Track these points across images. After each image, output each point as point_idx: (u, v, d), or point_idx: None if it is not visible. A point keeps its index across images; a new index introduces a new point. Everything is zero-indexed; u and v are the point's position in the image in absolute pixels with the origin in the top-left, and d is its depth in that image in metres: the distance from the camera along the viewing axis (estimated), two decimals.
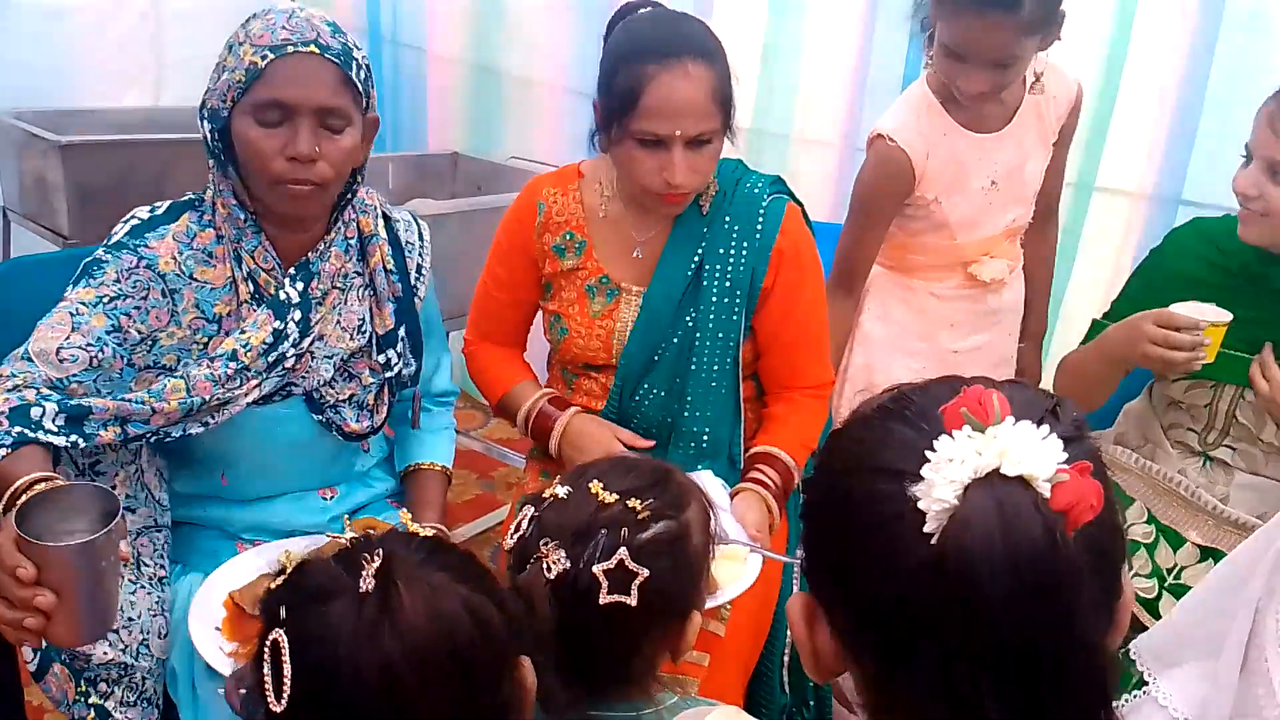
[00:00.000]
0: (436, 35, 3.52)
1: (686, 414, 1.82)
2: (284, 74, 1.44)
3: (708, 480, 1.65)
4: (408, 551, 0.93)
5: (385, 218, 1.71)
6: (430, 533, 0.98)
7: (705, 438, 1.83)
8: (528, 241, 1.85)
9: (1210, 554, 1.76)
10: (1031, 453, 0.72)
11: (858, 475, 0.78)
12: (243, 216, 1.54)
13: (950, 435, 0.74)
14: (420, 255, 1.75)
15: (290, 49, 1.44)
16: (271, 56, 1.44)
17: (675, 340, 1.80)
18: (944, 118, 1.99)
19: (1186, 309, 1.68)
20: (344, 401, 1.65)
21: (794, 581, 1.79)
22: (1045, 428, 0.74)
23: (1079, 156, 2.29)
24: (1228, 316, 1.67)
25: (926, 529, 0.72)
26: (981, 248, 2.09)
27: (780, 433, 1.82)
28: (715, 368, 1.81)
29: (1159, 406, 1.88)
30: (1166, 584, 1.78)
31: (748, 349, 1.84)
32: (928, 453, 0.74)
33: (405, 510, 1.13)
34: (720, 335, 1.79)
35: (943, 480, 0.72)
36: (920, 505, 0.72)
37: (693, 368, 1.80)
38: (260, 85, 1.45)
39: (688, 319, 1.79)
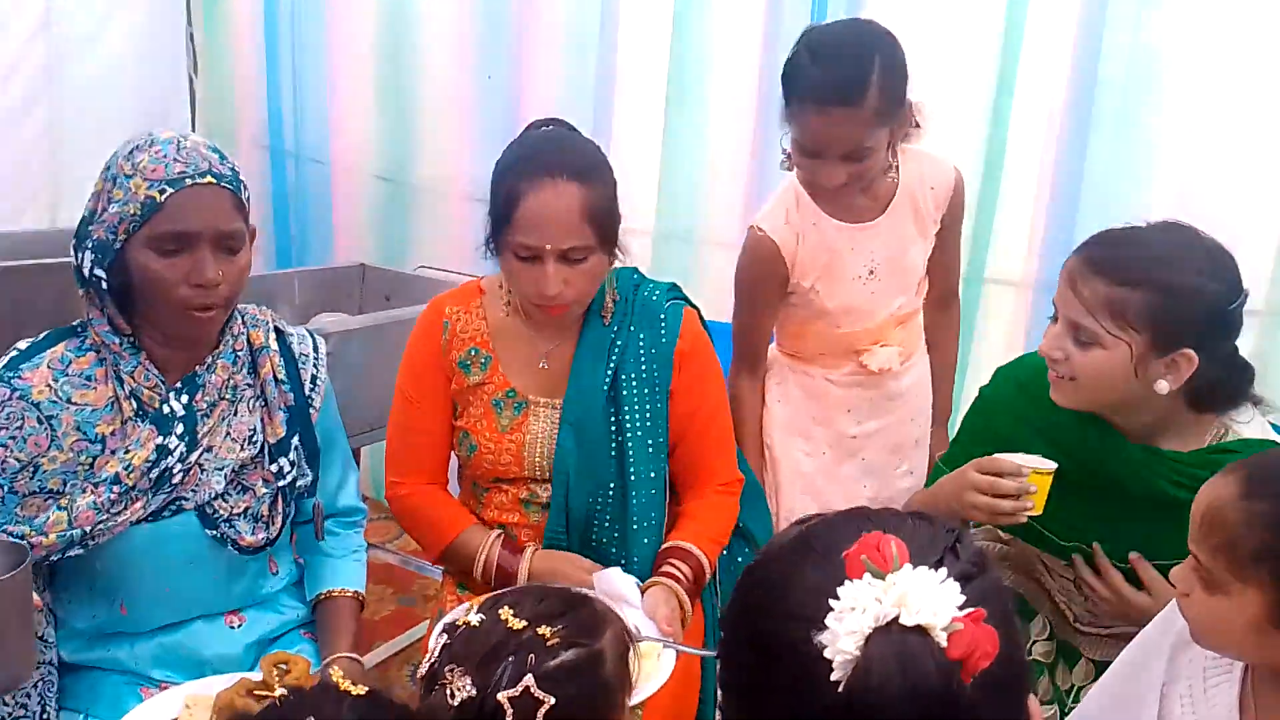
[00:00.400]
0: (340, 148, 3.54)
1: (634, 522, 1.83)
2: (184, 206, 1.47)
3: (618, 577, 1.65)
4: (338, 713, 0.90)
5: (278, 331, 1.73)
6: (363, 690, 0.96)
7: (647, 541, 1.84)
8: (437, 358, 1.85)
9: (1105, 668, 1.72)
10: (928, 601, 0.75)
11: (769, 619, 0.81)
12: (117, 340, 1.55)
13: (852, 582, 0.77)
14: (315, 366, 1.76)
15: (188, 181, 1.47)
16: (170, 190, 1.46)
17: (613, 454, 1.81)
18: (813, 209, 2.05)
19: (1012, 458, 1.64)
20: (238, 514, 1.64)
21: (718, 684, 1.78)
22: (943, 570, 0.77)
23: (968, 249, 2.36)
24: (1053, 465, 1.60)
25: (833, 677, 0.75)
26: (870, 336, 2.14)
27: (691, 528, 1.83)
28: (652, 473, 1.83)
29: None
30: (1067, 707, 1.77)
31: None
32: (831, 600, 0.76)
33: (337, 668, 1.10)
34: (650, 440, 1.82)
35: (845, 631, 0.75)
36: (826, 654, 0.75)
37: (632, 477, 1.81)
38: (160, 218, 1.47)
39: (613, 428, 1.81)
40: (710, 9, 2.70)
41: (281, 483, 1.68)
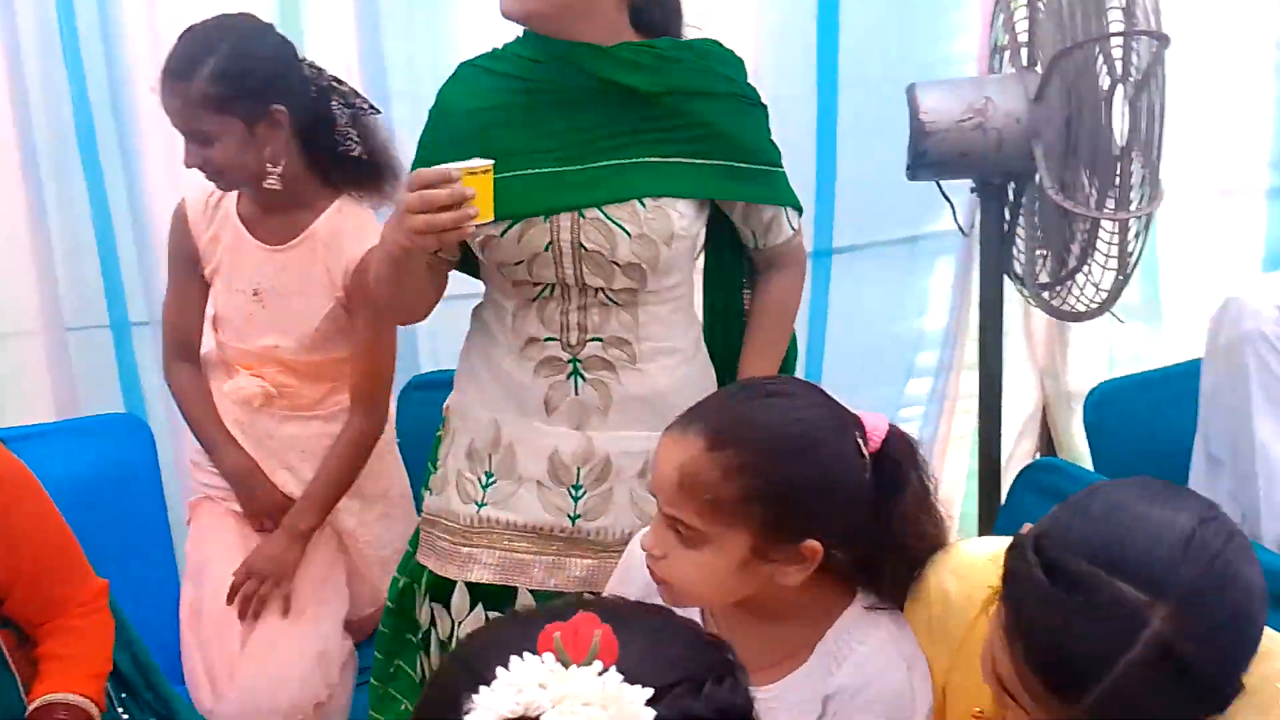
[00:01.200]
0: None
1: None
2: None
3: None
4: None
5: None
6: None
7: None
8: None
9: None
10: (592, 717, 0.62)
11: (454, 664, 0.74)
12: None
13: (530, 657, 0.65)
14: None
15: None
16: None
17: None
18: (232, 207, 2.04)
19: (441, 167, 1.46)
20: None
21: None
22: (656, 699, 0.64)
23: None
24: (488, 163, 1.44)
25: None
26: (242, 358, 2.05)
27: (64, 674, 1.55)
28: None
29: (509, 325, 1.65)
30: None
31: None
32: (500, 668, 0.65)
33: None
34: None
35: (485, 707, 0.64)
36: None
37: None
38: None
39: None
40: None
41: None
